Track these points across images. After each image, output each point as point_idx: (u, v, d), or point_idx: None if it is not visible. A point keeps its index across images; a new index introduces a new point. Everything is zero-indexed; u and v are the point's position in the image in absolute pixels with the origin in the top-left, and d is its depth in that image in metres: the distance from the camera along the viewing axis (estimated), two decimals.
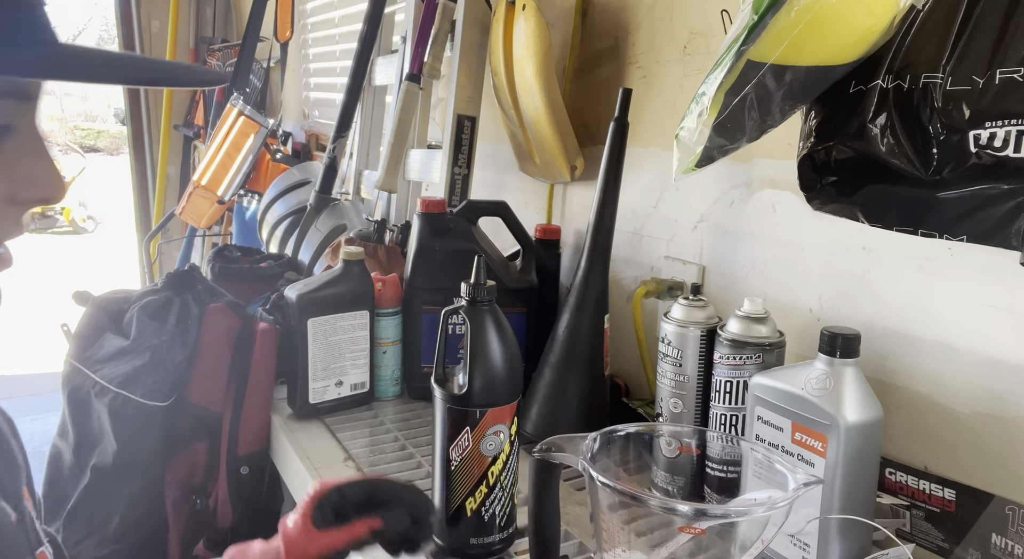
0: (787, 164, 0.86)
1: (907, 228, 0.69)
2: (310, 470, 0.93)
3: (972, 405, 0.72)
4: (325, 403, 1.07)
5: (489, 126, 1.39)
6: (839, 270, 0.84)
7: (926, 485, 0.75)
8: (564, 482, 0.85)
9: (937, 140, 0.63)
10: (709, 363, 0.80)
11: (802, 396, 0.67)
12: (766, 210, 0.92)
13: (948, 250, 0.73)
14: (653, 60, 1.09)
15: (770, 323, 0.77)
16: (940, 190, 0.65)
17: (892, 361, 0.78)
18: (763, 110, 0.68)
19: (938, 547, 0.73)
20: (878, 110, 0.66)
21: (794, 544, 0.69)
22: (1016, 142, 0.59)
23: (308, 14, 2.36)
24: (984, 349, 0.71)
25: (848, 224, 0.73)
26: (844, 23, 0.63)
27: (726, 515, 0.58)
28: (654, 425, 0.81)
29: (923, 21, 0.64)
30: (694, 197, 1.03)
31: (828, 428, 0.66)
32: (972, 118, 0.60)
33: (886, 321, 0.79)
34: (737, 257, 0.97)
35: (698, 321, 0.81)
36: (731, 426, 0.78)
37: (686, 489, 0.78)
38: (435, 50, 1.39)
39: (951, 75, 0.62)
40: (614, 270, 1.07)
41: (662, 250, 1.09)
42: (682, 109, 0.73)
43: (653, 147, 1.09)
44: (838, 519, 0.66)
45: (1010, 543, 0.68)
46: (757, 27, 0.65)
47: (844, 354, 0.67)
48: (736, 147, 0.72)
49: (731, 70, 0.67)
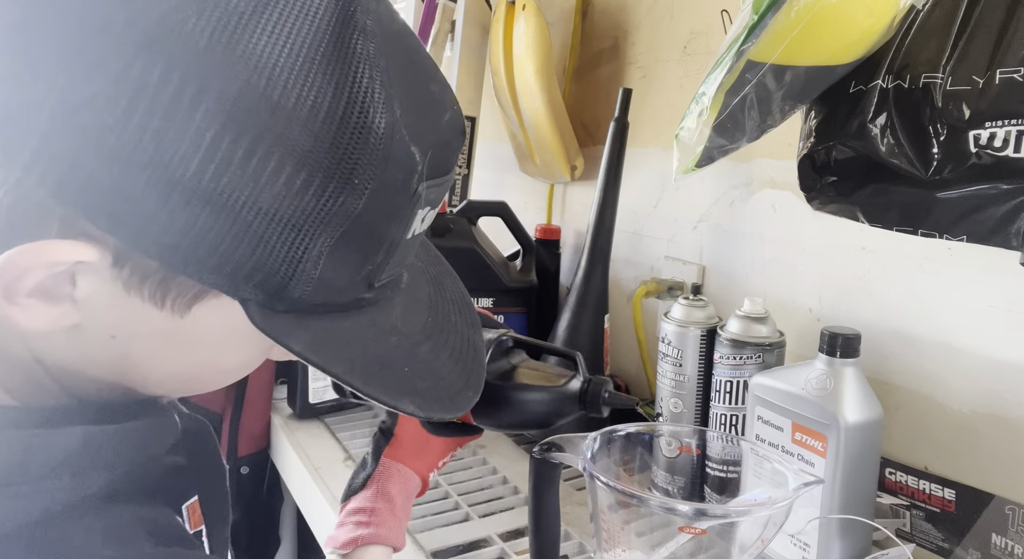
0: (787, 164, 0.86)
1: (907, 228, 0.69)
2: (310, 470, 0.93)
3: (972, 405, 0.72)
4: (325, 403, 1.07)
5: (489, 126, 1.39)
6: (839, 270, 0.84)
7: (926, 485, 0.75)
8: (564, 482, 0.85)
9: (937, 140, 0.63)
10: (709, 363, 0.80)
11: (802, 396, 0.67)
12: (766, 210, 0.92)
13: (948, 250, 0.73)
14: (653, 60, 1.09)
15: (770, 323, 0.77)
16: (940, 190, 0.65)
17: (892, 361, 0.78)
18: (763, 110, 0.68)
19: (938, 547, 0.73)
20: (878, 110, 0.66)
21: (794, 544, 0.69)
22: (1016, 142, 0.59)
23: None
24: (984, 349, 0.71)
25: (848, 224, 0.73)
26: (844, 23, 0.63)
27: (726, 515, 0.58)
28: (654, 425, 0.81)
29: (923, 21, 0.64)
30: (694, 197, 1.03)
31: (828, 428, 0.66)
32: (972, 118, 0.60)
33: (886, 321, 0.79)
34: (737, 257, 0.97)
35: (698, 321, 0.81)
36: (731, 426, 0.78)
37: (686, 489, 0.78)
38: (435, 50, 1.39)
39: (951, 75, 0.62)
40: (614, 270, 1.07)
41: (662, 250, 1.09)
42: (682, 109, 0.73)
43: (653, 147, 1.09)
44: (838, 519, 0.66)
45: (1010, 543, 0.68)
46: (757, 27, 0.64)
47: (844, 354, 0.67)
48: (736, 147, 0.72)
49: (731, 70, 0.67)
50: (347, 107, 0.32)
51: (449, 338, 0.45)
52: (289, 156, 0.31)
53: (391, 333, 0.40)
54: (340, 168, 0.32)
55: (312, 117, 0.31)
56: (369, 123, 0.32)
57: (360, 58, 0.32)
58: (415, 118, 0.35)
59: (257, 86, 0.30)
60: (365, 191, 0.33)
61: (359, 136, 0.32)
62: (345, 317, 0.38)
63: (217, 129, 0.29)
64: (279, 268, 0.33)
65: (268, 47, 0.30)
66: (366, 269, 0.36)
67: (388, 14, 0.35)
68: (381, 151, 0.33)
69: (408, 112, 0.34)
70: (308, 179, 0.32)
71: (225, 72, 0.30)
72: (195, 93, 0.29)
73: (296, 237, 0.32)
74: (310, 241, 0.33)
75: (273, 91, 0.30)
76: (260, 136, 0.30)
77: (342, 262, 0.35)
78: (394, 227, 0.36)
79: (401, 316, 0.42)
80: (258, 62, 0.30)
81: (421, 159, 0.35)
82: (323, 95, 0.31)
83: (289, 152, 0.31)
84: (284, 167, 0.31)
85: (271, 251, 0.32)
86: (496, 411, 0.59)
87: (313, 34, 0.31)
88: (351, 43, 0.32)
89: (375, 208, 0.34)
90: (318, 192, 0.32)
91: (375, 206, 0.34)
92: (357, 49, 0.32)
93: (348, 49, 0.32)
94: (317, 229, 0.33)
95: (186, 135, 0.29)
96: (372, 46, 0.32)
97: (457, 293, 0.50)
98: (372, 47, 0.32)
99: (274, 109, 0.30)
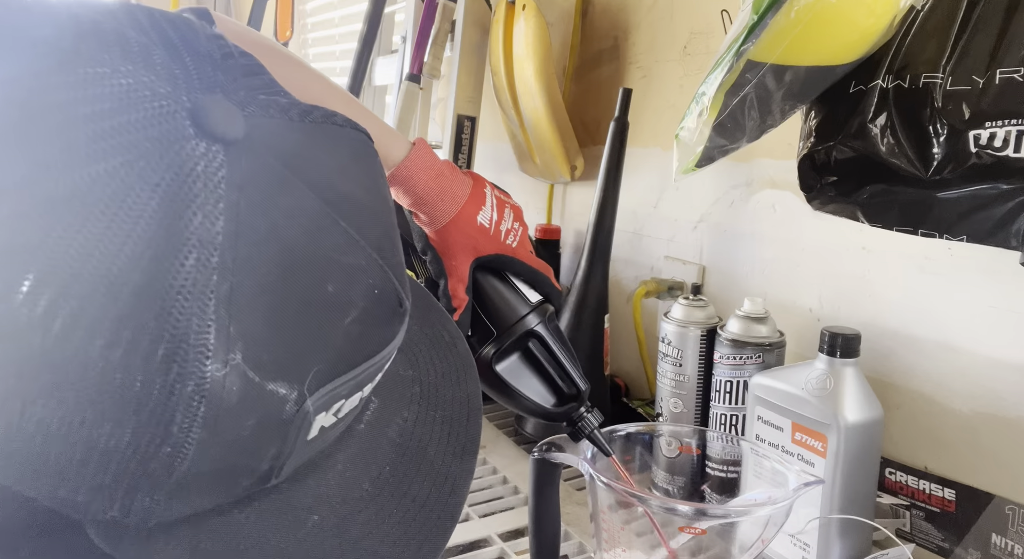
0: (787, 164, 0.86)
1: (907, 228, 0.69)
2: None
3: (972, 405, 0.72)
4: None
5: (489, 126, 1.39)
6: (839, 270, 0.84)
7: (926, 485, 0.75)
8: (564, 482, 0.85)
9: (937, 140, 0.63)
10: (709, 363, 0.80)
11: (802, 396, 0.67)
12: (766, 210, 0.92)
13: (948, 250, 0.73)
14: (653, 60, 1.09)
15: (770, 323, 0.77)
16: (940, 190, 0.65)
17: (892, 361, 0.78)
18: (763, 110, 0.68)
19: (938, 547, 0.73)
20: (878, 110, 0.66)
21: (794, 544, 0.69)
22: (1016, 142, 0.59)
23: (308, 14, 2.36)
24: (984, 349, 0.71)
25: (848, 224, 0.73)
26: (844, 23, 0.63)
27: (726, 515, 0.58)
28: (654, 425, 0.81)
29: (923, 21, 0.64)
30: (694, 197, 1.03)
31: (828, 428, 0.66)
32: (972, 118, 0.60)
33: (886, 321, 0.79)
34: (737, 257, 0.97)
35: (698, 321, 0.81)
36: (731, 426, 0.78)
37: (686, 489, 0.78)
38: (435, 50, 1.39)
39: (951, 75, 0.62)
40: (614, 270, 1.07)
41: (662, 250, 1.09)
42: (682, 109, 0.73)
43: (653, 147, 1.09)
44: (838, 519, 0.66)
45: (1010, 543, 0.68)
46: (757, 27, 0.64)
47: (844, 354, 0.67)
48: (736, 147, 0.72)
49: (731, 70, 0.67)
50: (159, 361, 0.24)
51: (411, 487, 0.36)
52: (89, 407, 0.24)
53: (312, 511, 0.32)
54: (149, 426, 0.25)
55: (110, 373, 0.24)
56: (186, 375, 0.24)
57: (181, 291, 0.24)
58: (280, 348, 0.27)
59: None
60: (188, 449, 0.25)
61: (171, 391, 0.24)
62: (240, 509, 0.30)
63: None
64: (105, 511, 0.26)
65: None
66: (242, 483, 0.29)
67: (267, 193, 0.26)
68: (205, 405, 0.25)
69: (265, 345, 0.26)
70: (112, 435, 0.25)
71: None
72: None
73: (110, 493, 0.26)
74: (131, 498, 0.26)
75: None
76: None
77: (198, 494, 0.28)
78: (269, 450, 0.28)
79: (340, 476, 0.33)
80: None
81: (293, 388, 0.27)
82: (132, 347, 0.24)
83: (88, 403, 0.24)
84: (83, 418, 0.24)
85: (92, 497, 0.26)
86: (495, 391, 0.60)
87: (127, 257, 0.23)
88: (172, 269, 0.24)
89: (217, 455, 0.26)
90: (127, 451, 0.25)
91: (215, 454, 0.26)
92: (180, 277, 0.24)
93: (163, 280, 0.24)
94: (136, 485, 0.26)
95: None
96: (209, 269, 0.24)
97: (460, 397, 0.41)
98: (205, 273, 0.24)
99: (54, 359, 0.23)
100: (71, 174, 0.23)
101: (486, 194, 0.60)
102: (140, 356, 0.24)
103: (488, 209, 0.60)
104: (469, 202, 0.59)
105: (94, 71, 0.25)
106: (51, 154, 0.24)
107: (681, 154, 0.74)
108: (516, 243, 0.61)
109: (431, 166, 0.58)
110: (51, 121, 0.24)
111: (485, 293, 0.61)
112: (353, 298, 0.29)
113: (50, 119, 0.24)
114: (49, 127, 0.24)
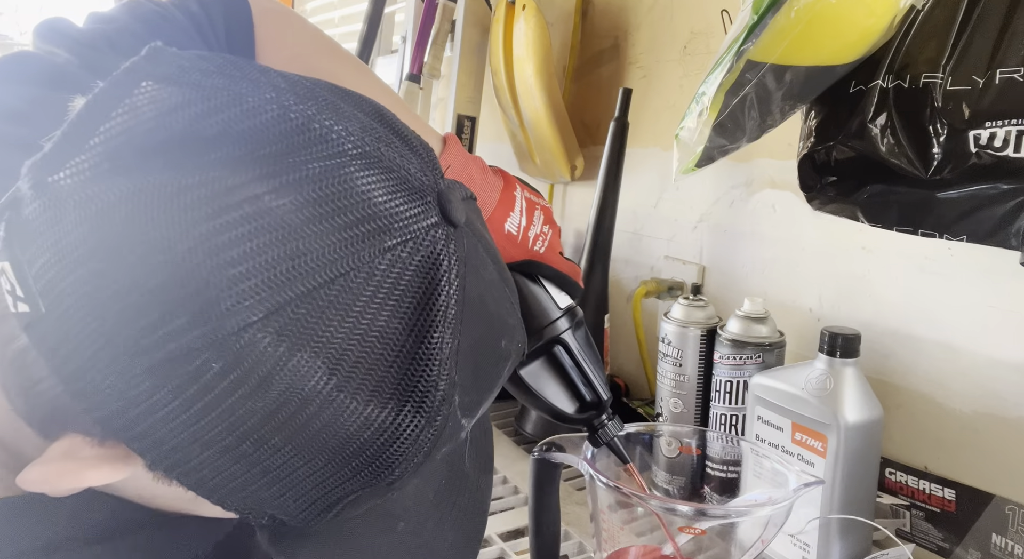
0: (787, 164, 0.86)
1: (907, 228, 0.69)
2: None
3: (972, 405, 0.72)
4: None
5: (489, 126, 1.39)
6: (839, 270, 0.84)
7: (926, 485, 0.75)
8: (564, 482, 0.85)
9: (937, 140, 0.63)
10: (709, 363, 0.80)
11: (802, 396, 0.67)
12: (766, 210, 0.92)
13: (948, 250, 0.73)
14: (653, 60, 1.09)
15: (770, 323, 0.77)
16: (940, 190, 0.65)
17: (892, 361, 0.78)
18: (763, 110, 0.68)
19: (938, 547, 0.73)
20: (878, 110, 0.66)
21: (794, 544, 0.69)
22: (1016, 142, 0.59)
23: (308, 14, 2.36)
24: (984, 349, 0.71)
25: (848, 224, 0.73)
26: (844, 23, 0.63)
27: (726, 515, 0.58)
28: (654, 425, 0.81)
29: (923, 21, 0.64)
30: (694, 197, 1.03)
31: (828, 428, 0.66)
32: (972, 118, 0.60)
33: (886, 321, 0.79)
34: (737, 257, 0.97)
35: (698, 321, 0.81)
36: (731, 426, 0.78)
37: (686, 489, 0.78)
38: (435, 50, 1.39)
39: (951, 75, 0.62)
40: (614, 270, 1.07)
41: (662, 250, 1.09)
42: (682, 109, 0.73)
43: (653, 147, 1.09)
44: (838, 519, 0.66)
45: (1010, 543, 0.68)
46: (757, 27, 0.64)
47: (844, 354, 0.67)
48: (736, 147, 0.72)
49: (731, 70, 0.67)
50: (408, 418, 0.30)
51: (459, 498, 0.42)
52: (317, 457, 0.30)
53: (399, 518, 0.38)
54: (378, 470, 0.31)
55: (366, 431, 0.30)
56: (422, 426, 0.31)
57: (434, 359, 0.30)
58: (474, 392, 0.34)
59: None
60: (395, 481, 0.32)
61: (408, 441, 0.31)
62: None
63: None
64: (298, 515, 0.32)
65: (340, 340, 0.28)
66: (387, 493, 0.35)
67: (475, 267, 0.32)
68: (426, 447, 0.31)
69: (467, 390, 0.33)
70: (338, 474, 0.31)
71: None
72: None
73: (321, 510, 0.32)
74: (332, 507, 0.32)
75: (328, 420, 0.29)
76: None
77: (359, 505, 0.34)
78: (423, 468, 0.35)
79: (415, 488, 0.39)
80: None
81: (469, 422, 0.34)
82: (384, 411, 0.30)
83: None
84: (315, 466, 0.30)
85: (296, 506, 0.32)
86: (518, 392, 0.60)
87: (391, 333, 0.29)
88: (427, 342, 0.30)
89: (406, 480, 0.33)
90: (340, 488, 0.31)
91: (406, 479, 0.33)
92: (432, 347, 0.30)
93: (421, 352, 0.30)
94: (345, 493, 0.32)
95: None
96: (448, 334, 0.30)
97: (486, 421, 0.47)
98: (447, 337, 0.30)
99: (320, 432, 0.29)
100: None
101: (516, 198, 0.59)
102: (407, 415, 0.30)
103: (517, 214, 0.58)
104: (497, 209, 0.57)
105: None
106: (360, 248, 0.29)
107: (681, 154, 0.74)
108: (544, 248, 0.59)
109: (461, 168, 0.56)
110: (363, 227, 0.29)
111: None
112: (511, 351, 0.37)
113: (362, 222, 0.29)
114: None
